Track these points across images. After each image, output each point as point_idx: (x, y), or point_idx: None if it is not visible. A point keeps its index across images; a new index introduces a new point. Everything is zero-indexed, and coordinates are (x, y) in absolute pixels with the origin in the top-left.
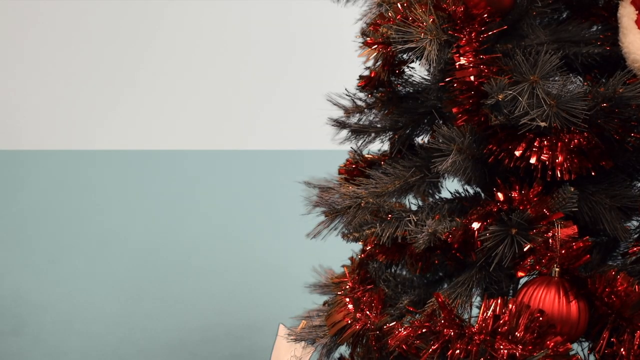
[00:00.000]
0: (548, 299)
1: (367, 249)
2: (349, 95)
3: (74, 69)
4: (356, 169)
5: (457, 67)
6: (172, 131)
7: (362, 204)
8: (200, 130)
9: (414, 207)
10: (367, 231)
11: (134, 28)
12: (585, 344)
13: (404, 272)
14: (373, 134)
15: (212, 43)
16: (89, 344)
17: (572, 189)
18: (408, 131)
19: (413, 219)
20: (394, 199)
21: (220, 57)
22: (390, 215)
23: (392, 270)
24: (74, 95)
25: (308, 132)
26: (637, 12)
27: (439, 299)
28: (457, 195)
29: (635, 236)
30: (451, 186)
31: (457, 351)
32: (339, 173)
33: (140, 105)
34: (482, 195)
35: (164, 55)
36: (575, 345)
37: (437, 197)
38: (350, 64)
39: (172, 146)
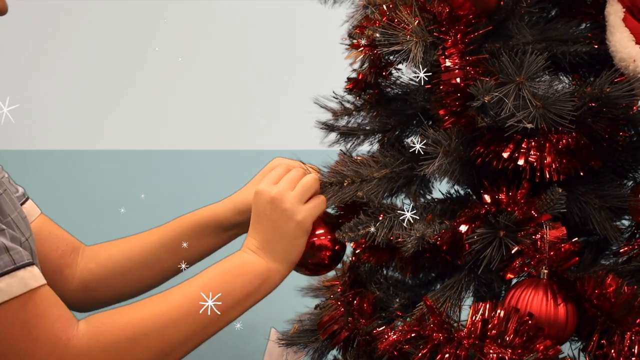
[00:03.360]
0: (536, 301)
1: (357, 252)
2: (337, 98)
3: (74, 69)
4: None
5: (443, 69)
6: (172, 131)
7: (346, 184)
8: (200, 130)
9: (406, 207)
10: (362, 231)
11: (134, 28)
12: (576, 346)
13: (396, 274)
14: (362, 136)
15: (212, 43)
16: None
17: (560, 190)
18: (397, 133)
19: (409, 218)
20: (382, 194)
21: (221, 57)
22: (382, 215)
23: (384, 272)
24: (74, 95)
25: (307, 132)
26: (624, 10)
27: (428, 304)
28: (449, 195)
29: (626, 235)
30: (443, 187)
31: (447, 355)
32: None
33: (140, 105)
34: (473, 196)
35: (165, 55)
36: (566, 345)
37: (428, 197)
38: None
39: (172, 146)
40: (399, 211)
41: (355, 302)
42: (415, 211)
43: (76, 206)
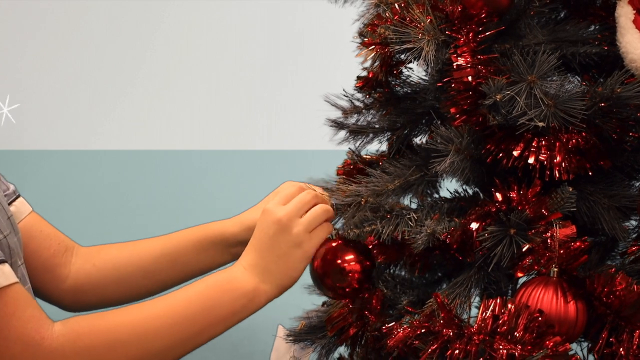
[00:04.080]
0: (546, 299)
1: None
2: (347, 96)
3: (74, 69)
4: (354, 170)
5: (454, 67)
6: (172, 131)
7: (363, 202)
8: (200, 130)
9: (413, 206)
10: (367, 228)
11: (134, 28)
12: (585, 344)
13: (403, 273)
14: (371, 135)
15: (212, 43)
16: None
17: (571, 189)
18: (406, 131)
19: (413, 217)
20: (392, 199)
21: (221, 57)
22: (389, 214)
23: (391, 270)
24: (74, 95)
25: (308, 132)
26: (634, 11)
27: (438, 299)
28: (457, 194)
29: (634, 236)
30: (450, 186)
31: (457, 351)
32: (337, 174)
33: (140, 105)
34: (481, 195)
35: (165, 55)
36: (574, 345)
37: (435, 197)
38: (350, 64)
39: (172, 146)
40: (404, 210)
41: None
42: (419, 214)
43: (76, 206)
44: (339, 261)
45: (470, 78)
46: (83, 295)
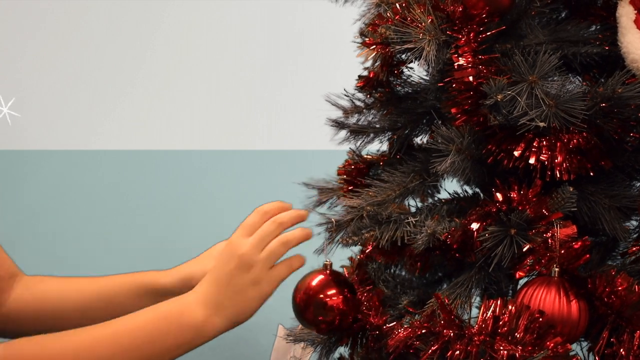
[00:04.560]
0: (548, 299)
1: (367, 250)
2: (348, 96)
3: (74, 68)
4: (355, 170)
5: (455, 67)
6: (172, 131)
7: (364, 215)
8: (200, 130)
9: (412, 209)
10: (366, 234)
11: (134, 28)
12: (585, 344)
13: (403, 273)
14: (372, 134)
15: (212, 43)
16: None
17: (571, 189)
18: (407, 131)
19: (412, 221)
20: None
21: (221, 57)
22: (387, 218)
23: (392, 270)
24: (74, 95)
25: (308, 132)
26: (635, 11)
27: (439, 300)
28: (456, 195)
29: (635, 236)
30: (450, 187)
31: (457, 352)
32: (338, 174)
33: (140, 105)
34: (481, 195)
35: (165, 55)
36: (574, 345)
37: (436, 198)
38: (350, 64)
39: (172, 146)
40: (403, 215)
41: (364, 299)
42: (417, 218)
43: (76, 206)
44: (321, 296)
45: (471, 78)
46: (15, 322)
